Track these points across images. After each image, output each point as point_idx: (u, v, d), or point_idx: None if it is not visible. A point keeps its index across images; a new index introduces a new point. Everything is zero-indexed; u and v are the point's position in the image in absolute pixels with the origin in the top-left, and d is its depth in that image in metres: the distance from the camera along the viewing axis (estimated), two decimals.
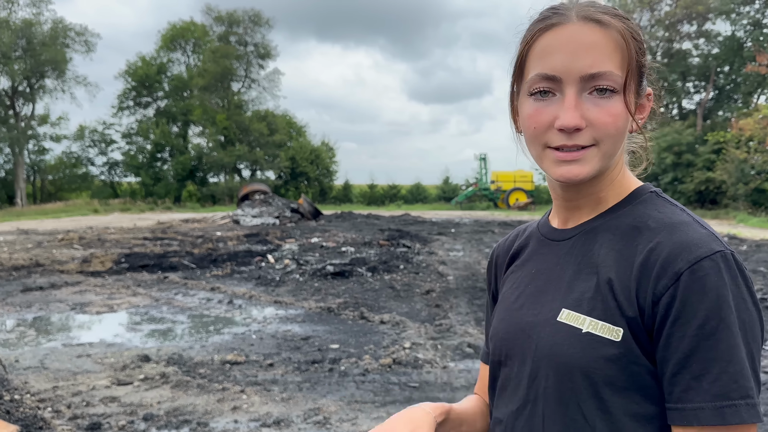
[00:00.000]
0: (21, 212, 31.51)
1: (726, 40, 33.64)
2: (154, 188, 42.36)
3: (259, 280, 10.22)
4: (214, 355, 5.98)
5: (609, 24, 0.90)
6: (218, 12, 43.78)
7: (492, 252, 1.20)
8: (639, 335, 0.85)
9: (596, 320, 0.88)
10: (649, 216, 0.91)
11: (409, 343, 6.27)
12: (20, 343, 6.62)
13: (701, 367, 0.79)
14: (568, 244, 0.99)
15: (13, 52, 36.85)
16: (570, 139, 0.89)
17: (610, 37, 0.89)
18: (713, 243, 0.83)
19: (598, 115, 0.88)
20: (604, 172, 0.96)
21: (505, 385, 1.01)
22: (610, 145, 0.91)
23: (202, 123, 43.39)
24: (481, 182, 39.11)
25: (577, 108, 0.88)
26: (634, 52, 0.91)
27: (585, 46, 0.88)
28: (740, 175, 26.54)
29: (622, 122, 0.90)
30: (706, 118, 34.14)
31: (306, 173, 44.53)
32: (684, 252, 0.82)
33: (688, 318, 0.80)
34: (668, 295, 0.82)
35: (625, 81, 0.89)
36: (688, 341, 0.80)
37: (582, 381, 0.88)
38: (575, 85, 0.89)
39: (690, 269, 0.81)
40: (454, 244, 15.90)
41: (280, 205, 25.08)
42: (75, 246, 15.18)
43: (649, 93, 0.97)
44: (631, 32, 0.92)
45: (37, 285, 9.82)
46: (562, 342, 0.90)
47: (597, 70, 0.87)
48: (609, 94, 0.89)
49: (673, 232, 0.86)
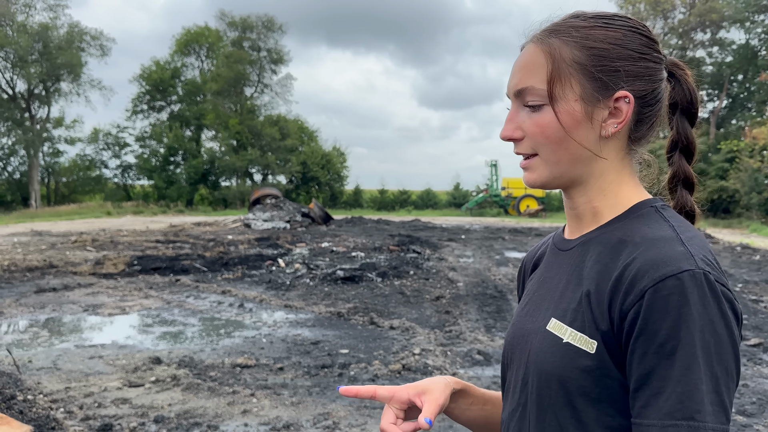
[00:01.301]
0: (35, 214, 31.82)
1: (740, 49, 33.45)
2: (167, 191, 42.62)
3: (269, 284, 10.27)
4: (224, 359, 6.02)
5: (542, 41, 0.96)
6: (232, 17, 44.09)
7: (523, 258, 1.23)
8: (612, 348, 0.86)
9: (576, 331, 0.90)
10: (638, 231, 0.91)
11: (419, 349, 6.28)
12: (33, 343, 6.69)
13: (659, 385, 0.80)
14: (568, 255, 1.01)
15: (29, 55, 37.27)
16: (515, 148, 0.99)
17: (539, 54, 0.96)
18: (683, 262, 0.82)
19: (528, 126, 0.96)
20: (587, 180, 0.97)
21: (508, 387, 1.05)
22: (549, 152, 0.96)
23: (215, 127, 43.65)
24: (491, 189, 39.04)
25: (512, 120, 0.98)
26: (570, 62, 0.93)
27: (518, 66, 0.98)
28: (754, 184, 26.33)
29: (551, 131, 0.94)
30: (720, 127, 33.92)
31: (317, 178, 44.64)
32: (651, 269, 0.83)
33: (649, 336, 0.81)
34: (633, 312, 0.83)
35: (550, 93, 0.93)
36: (649, 359, 0.81)
37: (558, 389, 0.90)
38: (514, 101, 0.99)
39: (654, 287, 0.81)
40: (464, 250, 15.89)
41: (291, 209, 25.16)
42: (88, 248, 15.32)
43: (622, 96, 0.93)
44: (582, 43, 0.94)
45: (50, 286, 9.92)
46: (546, 350, 0.93)
47: (519, 87, 0.96)
48: (539, 108, 0.95)
49: (649, 249, 0.86)
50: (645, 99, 0.95)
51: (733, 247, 16.35)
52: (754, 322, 7.52)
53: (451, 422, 4.35)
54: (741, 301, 8.45)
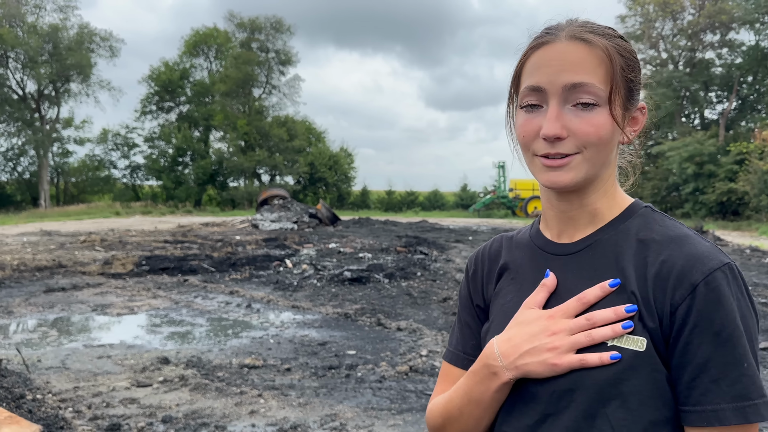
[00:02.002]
0: (44, 214, 32.01)
1: (750, 50, 33.23)
2: (175, 192, 42.80)
3: (277, 285, 10.29)
4: (232, 359, 6.03)
5: (594, 42, 0.95)
6: (241, 18, 44.24)
7: (473, 260, 1.19)
8: (659, 344, 0.90)
9: None
10: (653, 229, 0.96)
11: (426, 350, 6.27)
12: (42, 343, 6.73)
13: (719, 372, 0.85)
14: (575, 258, 1.00)
15: (39, 56, 37.52)
16: (553, 147, 0.95)
17: (594, 54, 0.95)
18: (721, 255, 0.90)
19: (580, 125, 0.94)
20: (595, 182, 1.00)
21: (514, 399, 1.00)
22: (594, 153, 0.95)
23: (223, 128, 43.81)
24: (499, 190, 38.98)
25: (559, 118, 0.94)
26: (619, 67, 0.95)
27: (569, 62, 0.94)
28: (763, 186, 26.14)
29: (605, 132, 0.94)
30: (729, 129, 33.70)
31: (324, 179, 44.72)
32: (698, 264, 0.88)
33: (705, 326, 0.86)
34: (685, 305, 0.87)
35: (610, 94, 0.94)
36: (706, 348, 0.86)
37: (610, 392, 0.90)
38: (558, 97, 0.94)
39: (705, 280, 0.87)
40: (471, 251, 15.84)
41: (298, 210, 25.21)
42: (97, 248, 15.39)
43: (642, 107, 1.00)
44: (618, 49, 0.97)
45: (59, 286, 9.97)
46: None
47: (577, 81, 0.93)
48: (591, 108, 0.94)
49: (682, 245, 0.92)
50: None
51: (742, 249, 16.24)
52: (764, 325, 7.46)
53: None
54: None
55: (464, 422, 1.04)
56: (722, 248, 0.94)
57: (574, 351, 0.92)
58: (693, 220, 28.28)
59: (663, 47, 36.03)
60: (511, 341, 0.96)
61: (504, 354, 0.96)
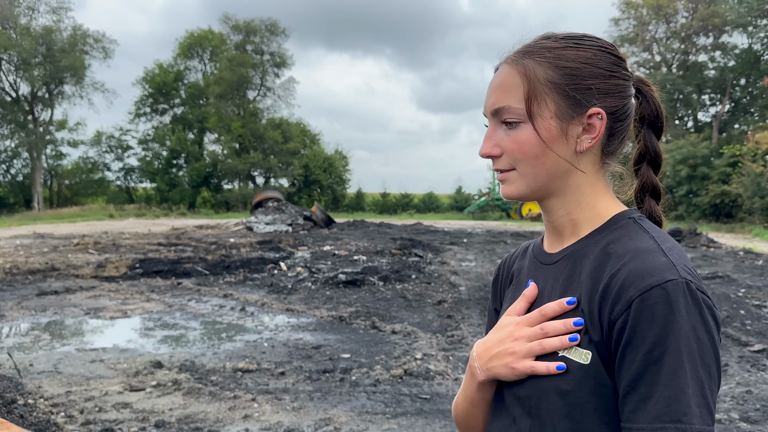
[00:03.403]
0: (38, 216, 31.85)
1: (742, 53, 33.41)
2: (169, 194, 42.67)
3: (271, 288, 10.26)
4: (226, 363, 6.00)
5: (517, 63, 1.01)
6: (236, 21, 44.18)
7: (499, 265, 1.26)
8: (605, 358, 0.90)
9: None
10: (620, 242, 0.96)
11: (421, 354, 6.26)
12: (35, 347, 6.68)
13: (647, 390, 0.84)
14: (554, 269, 1.04)
15: (33, 58, 37.36)
16: (494, 164, 1.04)
17: (514, 74, 1.00)
18: (667, 272, 0.87)
19: (506, 143, 1.01)
20: (563, 193, 1.02)
21: (498, 400, 1.06)
22: (526, 167, 1.00)
23: (218, 130, 43.72)
24: (493, 192, 39.01)
25: (491, 138, 1.03)
26: (543, 82, 0.98)
27: (494, 87, 1.03)
28: (756, 188, 26.26)
29: (529, 147, 0.98)
30: (722, 131, 33.86)
31: (319, 181, 44.67)
32: (637, 280, 0.87)
33: (637, 344, 0.85)
34: (621, 321, 0.87)
35: (528, 110, 0.98)
36: (637, 365, 0.85)
37: (557, 402, 0.93)
38: (492, 120, 1.03)
39: (641, 297, 0.86)
40: (466, 254, 15.87)
41: (293, 212, 25.17)
42: (90, 251, 15.32)
43: (596, 112, 0.98)
44: (554, 62, 0.98)
45: (52, 289, 9.92)
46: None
47: (496, 107, 1.01)
48: (516, 125, 0.99)
49: (633, 260, 0.90)
50: (616, 114, 1.00)
51: (735, 251, 16.30)
52: (758, 327, 7.48)
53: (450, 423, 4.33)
54: (744, 307, 8.42)
55: (466, 418, 1.13)
56: (716, 254, 0.93)
57: (532, 358, 0.97)
58: (687, 222, 28.39)
59: (656, 50, 36.18)
60: (485, 344, 1.04)
61: (479, 356, 1.04)
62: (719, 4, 32.53)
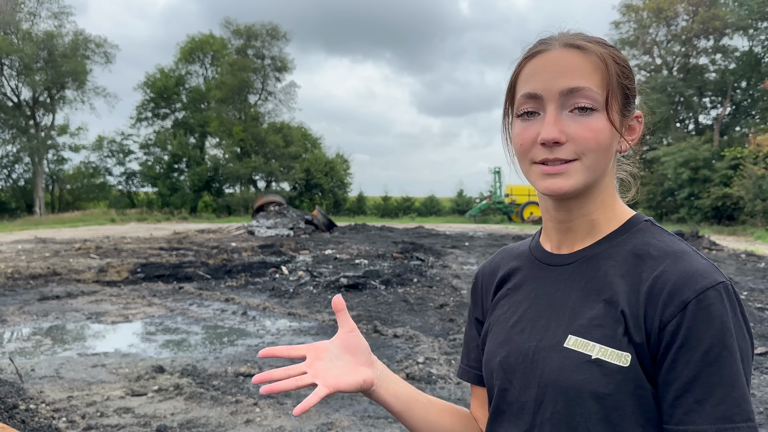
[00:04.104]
0: (39, 221, 31.89)
1: (743, 56, 33.42)
2: (171, 198, 42.72)
3: (273, 292, 10.25)
4: (227, 367, 5.99)
5: (588, 48, 0.95)
6: (237, 25, 44.28)
7: (476, 274, 1.22)
8: (644, 360, 0.89)
9: (605, 347, 0.91)
10: (650, 244, 0.95)
11: (423, 357, 6.25)
12: (36, 351, 6.68)
13: (704, 392, 0.84)
14: (569, 270, 1.00)
15: (34, 63, 37.46)
16: (551, 153, 0.94)
17: (589, 60, 0.94)
18: (716, 274, 0.88)
19: (578, 129, 0.93)
20: (593, 192, 0.99)
21: (503, 409, 1.02)
22: (593, 159, 0.94)
23: (219, 134, 43.78)
24: (495, 195, 39.02)
25: (557, 123, 0.93)
26: (614, 73, 0.95)
27: (564, 67, 0.94)
28: (758, 191, 26.24)
29: (603, 137, 0.93)
30: (723, 134, 33.85)
31: (320, 185, 44.71)
32: (690, 281, 0.86)
33: (693, 345, 0.85)
34: (674, 323, 0.86)
35: (606, 98, 0.93)
36: (693, 366, 0.84)
37: (592, 406, 0.90)
38: (555, 102, 0.93)
39: (697, 298, 0.85)
40: (468, 257, 15.86)
41: (294, 216, 25.17)
42: (92, 255, 15.33)
43: (638, 115, 1.00)
44: (613, 56, 0.97)
45: (53, 294, 9.92)
46: (571, 368, 0.92)
47: (573, 86, 0.92)
48: (589, 112, 0.93)
49: (677, 261, 0.90)
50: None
51: (737, 254, 16.27)
52: (761, 330, 7.46)
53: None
54: (747, 310, 8.40)
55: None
56: (718, 256, 0.93)
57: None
58: (688, 225, 28.36)
59: (657, 53, 36.20)
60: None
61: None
62: (720, 6, 32.57)
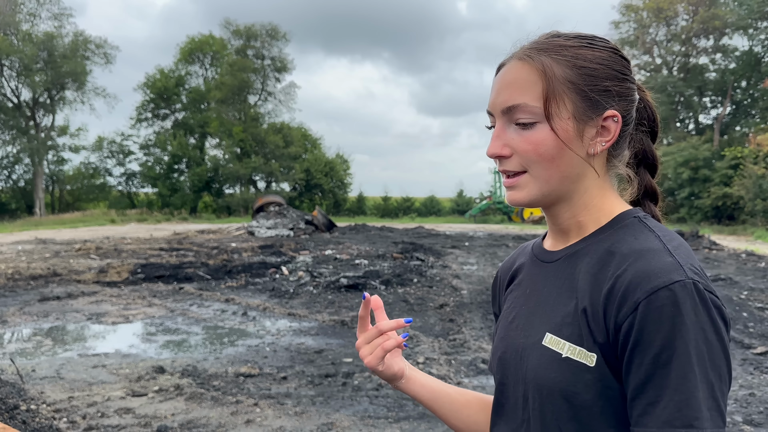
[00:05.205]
0: (39, 222, 31.89)
1: (743, 55, 33.43)
2: (171, 199, 42.73)
3: (273, 292, 10.26)
4: (228, 368, 6.00)
5: (533, 59, 0.96)
6: (237, 26, 44.29)
7: (498, 270, 1.25)
8: (611, 360, 0.88)
9: (574, 345, 0.91)
10: (625, 241, 0.93)
11: (423, 358, 6.25)
12: (37, 352, 6.68)
13: (655, 394, 0.83)
14: (554, 267, 1.02)
15: (34, 64, 37.47)
16: (501, 165, 0.99)
17: (529, 70, 0.96)
18: (673, 273, 0.84)
19: (519, 143, 0.96)
20: (572, 197, 0.99)
21: (503, 403, 1.05)
22: (540, 170, 0.96)
23: (219, 135, 43.79)
24: (495, 196, 39.01)
25: (500, 138, 0.98)
26: (560, 81, 0.95)
27: (507, 83, 0.97)
28: (758, 190, 26.25)
29: (545, 148, 0.94)
30: (723, 134, 33.86)
31: (320, 185, 44.72)
32: (643, 281, 0.85)
33: (645, 347, 0.83)
34: (627, 324, 0.85)
35: (545, 109, 0.94)
36: (645, 369, 0.83)
37: (562, 405, 0.91)
38: (501, 118, 0.98)
39: (647, 299, 0.83)
40: (468, 257, 15.86)
41: (294, 216, 25.18)
42: (92, 256, 15.33)
43: (612, 114, 0.96)
44: (572, 61, 0.95)
45: (54, 295, 9.92)
46: (546, 366, 0.94)
47: (510, 104, 0.96)
48: (531, 126, 0.95)
49: (638, 260, 0.88)
50: (626, 118, 0.98)
51: (738, 254, 16.27)
52: (761, 330, 7.46)
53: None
54: (747, 309, 8.40)
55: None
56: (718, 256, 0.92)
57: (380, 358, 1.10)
58: (689, 224, 28.37)
59: (657, 53, 36.21)
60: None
61: None
62: (719, 6, 32.58)
